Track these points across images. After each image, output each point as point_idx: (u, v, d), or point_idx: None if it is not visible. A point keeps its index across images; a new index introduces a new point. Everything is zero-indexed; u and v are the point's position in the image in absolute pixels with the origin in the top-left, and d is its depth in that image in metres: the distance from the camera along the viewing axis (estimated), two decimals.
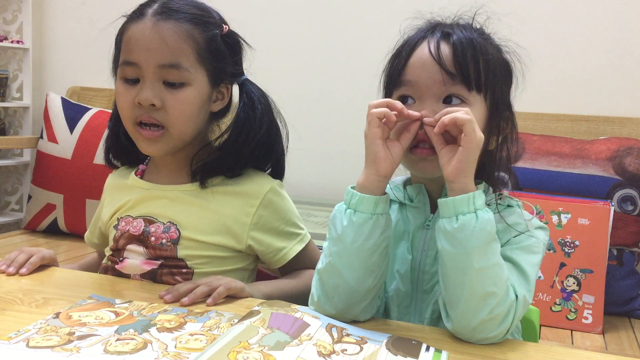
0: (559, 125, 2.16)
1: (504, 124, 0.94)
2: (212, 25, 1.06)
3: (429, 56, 0.88)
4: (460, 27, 0.92)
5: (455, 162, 0.82)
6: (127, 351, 0.73)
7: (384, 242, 0.86)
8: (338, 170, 2.42)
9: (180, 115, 1.03)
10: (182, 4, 1.05)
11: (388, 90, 0.94)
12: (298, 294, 1.07)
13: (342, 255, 0.86)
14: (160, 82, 1.01)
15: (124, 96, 1.03)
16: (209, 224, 1.06)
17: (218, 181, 1.08)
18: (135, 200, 1.10)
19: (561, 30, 2.23)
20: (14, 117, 2.91)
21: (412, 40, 0.92)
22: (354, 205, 0.86)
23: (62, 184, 2.47)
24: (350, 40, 2.46)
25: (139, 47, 1.01)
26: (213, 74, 1.06)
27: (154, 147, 1.05)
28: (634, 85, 2.17)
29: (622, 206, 1.92)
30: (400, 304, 0.95)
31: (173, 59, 1.01)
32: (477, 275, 0.80)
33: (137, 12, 1.04)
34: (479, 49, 0.89)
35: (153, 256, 1.06)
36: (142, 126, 1.03)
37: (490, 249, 0.81)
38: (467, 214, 0.80)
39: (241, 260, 1.10)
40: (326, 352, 0.74)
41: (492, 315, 0.80)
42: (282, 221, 1.10)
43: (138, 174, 1.14)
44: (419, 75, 0.89)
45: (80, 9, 2.82)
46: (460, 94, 0.88)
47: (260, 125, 1.09)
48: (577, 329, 1.84)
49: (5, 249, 2.22)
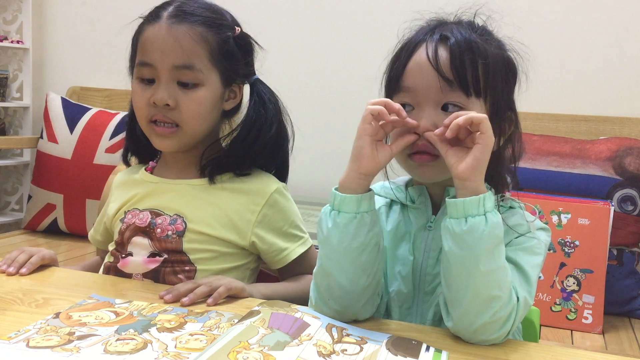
0: (559, 125, 2.16)
1: (507, 124, 0.93)
2: (224, 27, 1.09)
3: (426, 61, 0.87)
4: (460, 27, 0.90)
5: (471, 159, 0.80)
6: (127, 351, 0.73)
7: (372, 240, 0.85)
8: (339, 171, 2.40)
9: (194, 114, 1.06)
10: (196, 7, 1.08)
11: (388, 94, 0.94)
12: (297, 298, 1.07)
13: (330, 257, 0.85)
14: (175, 82, 1.05)
15: (139, 95, 1.07)
16: (215, 218, 1.08)
17: (226, 178, 1.11)
18: (143, 194, 1.12)
19: (561, 30, 2.23)
20: (14, 117, 2.91)
21: (411, 44, 0.91)
22: (337, 206, 0.85)
23: (62, 184, 2.47)
24: (353, 40, 2.46)
25: (154, 48, 1.04)
26: (225, 74, 1.09)
27: (166, 142, 1.08)
28: (634, 85, 2.17)
29: (622, 206, 1.92)
30: (401, 305, 0.95)
31: (187, 61, 1.04)
32: (483, 279, 0.79)
33: (153, 15, 1.07)
34: (477, 52, 0.87)
35: (157, 249, 1.07)
36: (156, 123, 1.06)
37: (498, 252, 0.80)
38: (476, 216, 0.79)
39: (243, 258, 1.11)
40: (326, 352, 0.74)
41: (494, 318, 0.80)
42: (285, 222, 1.12)
43: (148, 170, 1.16)
44: (416, 82, 0.88)
45: (80, 9, 2.82)
46: (458, 102, 0.87)
47: (270, 125, 1.12)
48: (577, 329, 1.84)
49: (5, 249, 2.22)
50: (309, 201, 2.34)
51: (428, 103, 0.87)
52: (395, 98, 0.90)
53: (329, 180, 2.59)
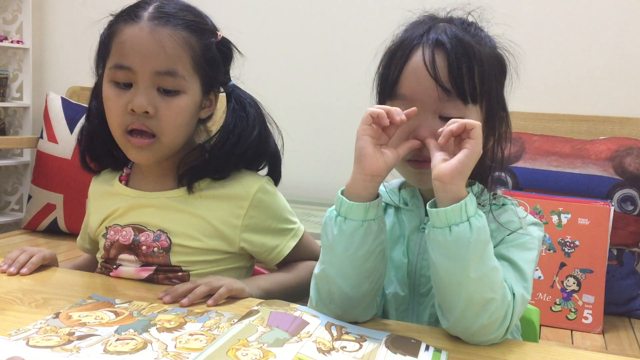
0: (559, 125, 2.16)
1: (498, 123, 0.92)
2: (207, 32, 1.05)
3: (423, 69, 0.85)
4: (452, 26, 0.88)
5: (456, 162, 0.78)
6: (127, 351, 0.73)
7: (378, 247, 0.84)
8: (338, 170, 2.41)
9: (173, 123, 1.01)
10: (178, 9, 1.02)
11: (381, 100, 0.92)
12: (296, 286, 1.07)
13: (334, 264, 0.84)
14: (155, 88, 0.99)
15: (114, 102, 1.00)
16: (199, 230, 1.05)
17: (205, 185, 1.06)
18: (123, 209, 1.08)
19: (561, 30, 2.23)
20: (14, 117, 2.91)
21: (406, 46, 0.88)
22: (343, 213, 0.83)
23: (62, 184, 2.47)
24: (343, 39, 2.46)
25: (134, 51, 0.98)
26: (206, 81, 1.05)
27: (143, 155, 1.02)
28: (634, 85, 2.17)
29: (622, 206, 1.92)
30: (398, 307, 0.95)
31: (170, 66, 0.99)
32: (475, 284, 0.78)
33: (132, 14, 1.01)
34: (474, 57, 0.86)
35: (146, 263, 1.06)
36: (132, 134, 1.01)
37: (486, 255, 0.79)
38: (460, 224, 0.77)
39: (236, 261, 1.10)
40: (326, 349, 0.74)
41: (491, 320, 0.79)
42: (273, 219, 1.09)
43: (123, 180, 1.12)
44: (414, 90, 0.87)
45: (80, 9, 2.82)
46: (456, 112, 0.86)
47: (253, 127, 1.08)
48: (577, 329, 1.83)
49: (5, 249, 2.22)
50: (307, 201, 2.34)
51: (425, 112, 0.86)
52: (390, 104, 0.88)
53: (326, 179, 2.58)
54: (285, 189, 1.15)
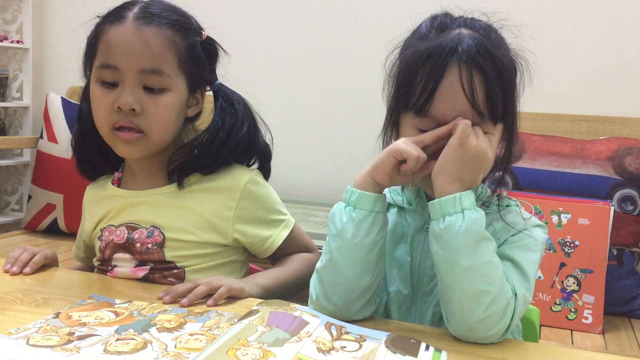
0: (559, 125, 2.16)
1: (515, 130, 0.92)
2: (192, 31, 1.07)
3: (461, 92, 0.83)
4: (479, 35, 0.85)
5: (439, 160, 0.83)
6: (127, 351, 0.73)
7: (381, 240, 0.87)
8: (338, 171, 2.41)
9: (160, 120, 1.03)
10: (163, 9, 1.04)
11: (403, 108, 0.88)
12: (294, 280, 1.08)
13: (342, 251, 0.86)
14: (140, 87, 1.01)
15: (101, 100, 1.02)
16: (191, 223, 1.06)
17: (194, 179, 1.08)
18: (116, 210, 1.10)
19: (561, 30, 2.23)
20: (14, 117, 2.91)
21: (438, 59, 0.84)
22: (353, 203, 0.87)
23: (62, 184, 2.47)
24: (343, 39, 2.46)
25: (120, 50, 1.00)
26: (192, 80, 1.06)
27: (131, 149, 1.04)
28: (634, 85, 2.17)
29: (622, 206, 1.92)
30: (400, 306, 0.96)
31: (155, 65, 1.00)
32: (466, 274, 0.80)
33: (117, 15, 1.03)
34: (506, 79, 0.85)
35: (141, 261, 1.06)
36: (119, 130, 1.02)
37: (480, 247, 0.81)
38: (453, 214, 0.81)
39: (230, 254, 1.10)
40: (325, 349, 0.75)
41: (488, 314, 0.80)
42: (264, 210, 1.11)
43: (115, 183, 1.13)
44: (447, 112, 0.84)
45: (80, 9, 2.82)
46: (487, 132, 0.86)
47: (242, 123, 1.10)
48: (577, 329, 1.83)
49: (5, 249, 2.22)
50: (306, 201, 2.33)
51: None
52: (416, 121, 0.87)
53: (326, 180, 2.59)
54: (285, 189, 1.16)
